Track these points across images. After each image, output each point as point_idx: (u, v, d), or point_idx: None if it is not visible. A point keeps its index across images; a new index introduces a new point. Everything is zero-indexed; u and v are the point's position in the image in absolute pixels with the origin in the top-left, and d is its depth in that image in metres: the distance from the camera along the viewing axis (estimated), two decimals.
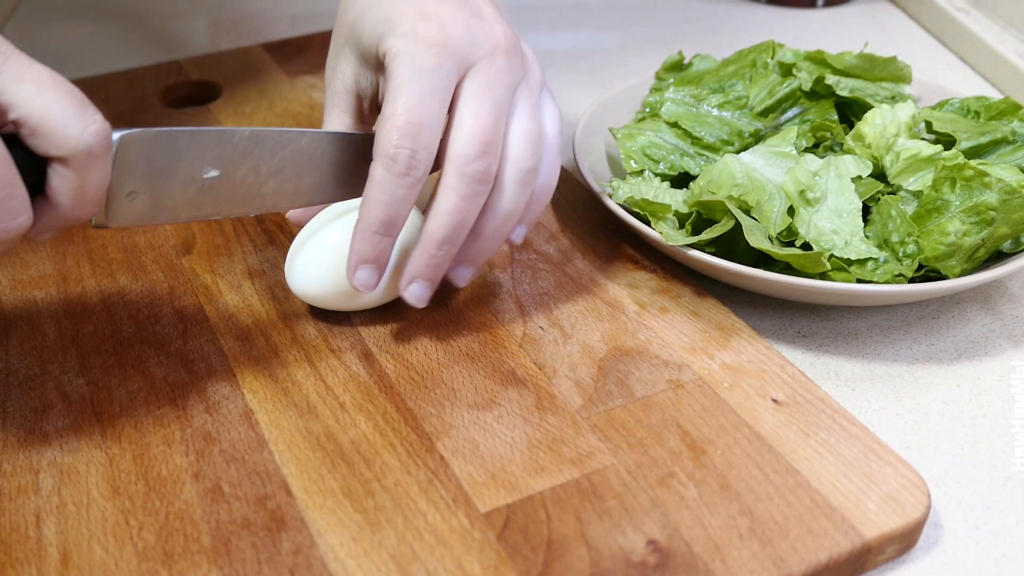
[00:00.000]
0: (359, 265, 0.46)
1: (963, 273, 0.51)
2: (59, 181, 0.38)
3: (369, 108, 0.51)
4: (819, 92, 0.62)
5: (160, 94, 0.73)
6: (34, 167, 0.38)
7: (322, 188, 0.48)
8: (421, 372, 0.48)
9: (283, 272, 0.55)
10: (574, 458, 0.43)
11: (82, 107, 0.37)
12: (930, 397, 0.50)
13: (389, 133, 0.44)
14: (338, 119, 0.51)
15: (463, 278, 0.49)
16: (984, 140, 0.56)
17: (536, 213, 0.49)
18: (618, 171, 0.63)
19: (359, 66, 0.49)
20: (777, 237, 0.52)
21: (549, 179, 0.49)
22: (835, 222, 0.52)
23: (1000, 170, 0.52)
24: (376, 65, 0.48)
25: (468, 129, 0.44)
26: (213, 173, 0.44)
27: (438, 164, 0.46)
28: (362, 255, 0.46)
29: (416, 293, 0.47)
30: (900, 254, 0.51)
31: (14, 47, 0.37)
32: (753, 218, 0.52)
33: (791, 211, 0.53)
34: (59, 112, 0.37)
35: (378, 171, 0.44)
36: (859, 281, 0.50)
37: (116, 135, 0.40)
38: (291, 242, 0.53)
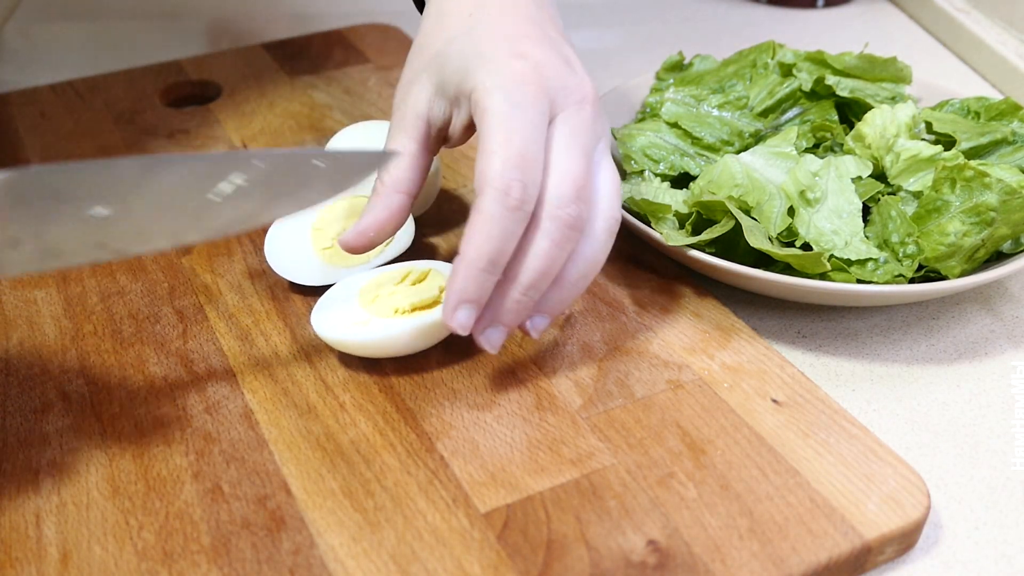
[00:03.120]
0: (461, 304, 0.43)
1: (963, 273, 0.51)
2: None
3: (435, 137, 0.49)
4: (819, 92, 0.62)
5: (160, 94, 0.73)
6: None
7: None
8: (421, 372, 0.48)
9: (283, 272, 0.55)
10: (574, 458, 0.43)
11: None
12: (930, 397, 0.50)
13: (498, 166, 0.41)
14: (402, 143, 0.48)
15: (539, 328, 0.46)
16: (984, 141, 0.56)
17: (575, 296, 0.46)
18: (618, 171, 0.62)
19: (435, 95, 0.47)
20: (777, 237, 0.52)
21: (600, 256, 0.46)
22: (835, 222, 0.52)
23: (1000, 171, 0.52)
24: (454, 97, 0.46)
25: (563, 173, 0.43)
26: (101, 211, 0.39)
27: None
28: (465, 294, 0.42)
29: (493, 339, 0.45)
30: (900, 254, 0.51)
31: None
32: (753, 218, 0.52)
33: (791, 211, 0.53)
34: None
35: (488, 205, 0.41)
36: (859, 281, 0.50)
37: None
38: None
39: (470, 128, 0.47)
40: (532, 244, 0.43)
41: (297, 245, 0.53)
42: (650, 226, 0.53)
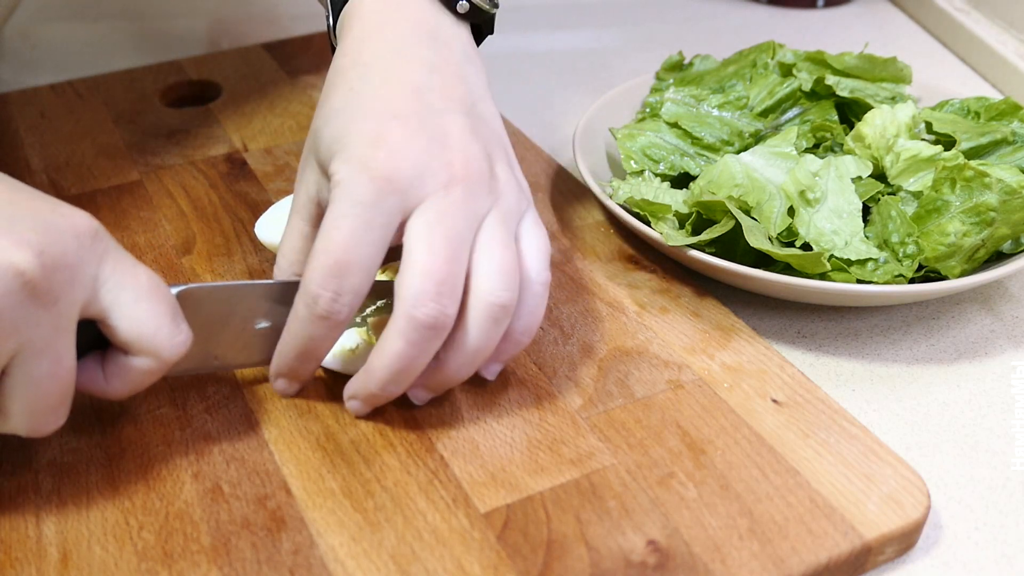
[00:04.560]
0: (278, 377, 0.45)
1: (963, 273, 0.51)
2: (125, 372, 0.40)
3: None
4: (819, 92, 0.62)
5: (160, 94, 0.73)
6: (93, 332, 0.39)
7: None
8: None
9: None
10: (574, 458, 0.43)
11: (173, 318, 0.39)
12: (930, 397, 0.50)
13: (315, 270, 0.40)
14: (297, 226, 0.46)
15: (421, 399, 0.45)
16: (984, 141, 0.56)
17: (512, 353, 0.45)
18: (618, 171, 0.63)
19: (319, 176, 0.45)
20: (777, 237, 0.52)
21: (530, 320, 0.44)
22: (835, 222, 0.52)
23: (1000, 171, 0.52)
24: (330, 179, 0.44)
25: (419, 267, 0.40)
26: (264, 324, 0.44)
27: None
28: (280, 371, 0.44)
29: (355, 408, 0.45)
30: (900, 254, 0.51)
31: (120, 247, 0.39)
32: (753, 218, 0.52)
33: (791, 211, 0.53)
34: (151, 323, 0.38)
35: (300, 308, 0.41)
36: (859, 281, 0.50)
37: (174, 290, 0.41)
38: None
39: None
40: (387, 342, 0.41)
41: None
42: (650, 226, 0.53)
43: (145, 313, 0.38)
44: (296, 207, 0.46)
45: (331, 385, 0.47)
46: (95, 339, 0.39)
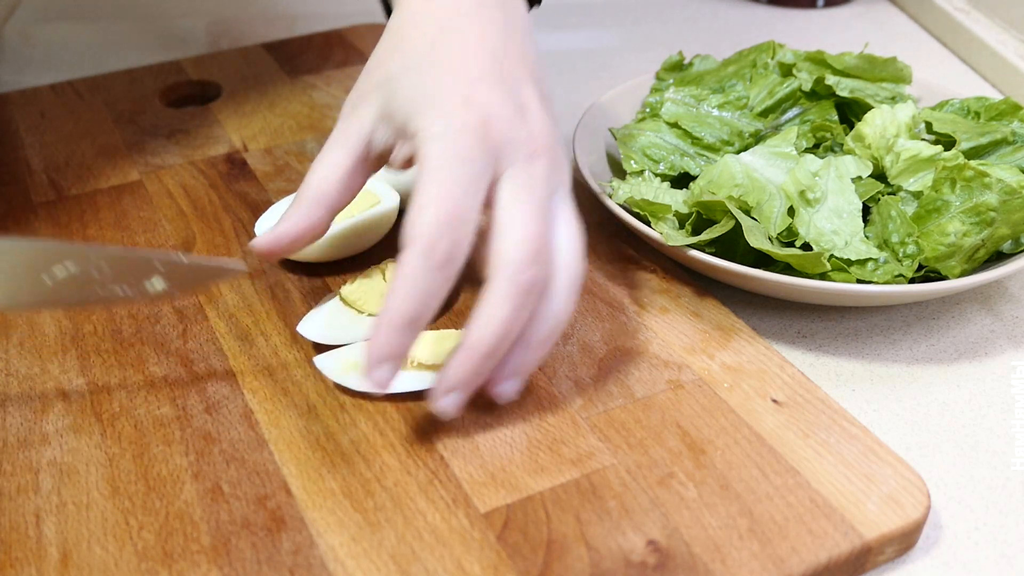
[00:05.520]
0: (381, 363, 0.41)
1: (963, 273, 0.51)
2: None
3: (373, 159, 0.46)
4: (819, 92, 0.62)
5: (160, 94, 0.73)
6: None
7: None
8: None
9: (282, 272, 0.55)
10: (574, 458, 0.43)
11: None
12: (930, 397, 0.50)
13: (429, 221, 0.40)
14: (337, 158, 0.45)
15: (508, 394, 0.44)
16: (984, 141, 0.56)
17: (544, 356, 0.44)
18: (618, 171, 0.63)
19: (380, 120, 0.45)
20: (777, 237, 0.52)
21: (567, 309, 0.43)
22: (835, 222, 0.52)
23: (1000, 171, 0.52)
24: (399, 129, 0.44)
25: (518, 235, 0.41)
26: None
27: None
28: (385, 351, 0.40)
29: (452, 404, 0.42)
30: (900, 254, 0.51)
31: None
32: (753, 218, 0.52)
33: (791, 211, 0.53)
34: None
35: (413, 261, 0.40)
36: (859, 281, 0.50)
37: None
38: None
39: (411, 161, 0.44)
40: (489, 309, 0.40)
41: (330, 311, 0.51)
42: (650, 226, 0.53)
43: None
44: (341, 140, 0.45)
45: (331, 386, 0.47)
46: None
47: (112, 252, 0.44)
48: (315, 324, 0.49)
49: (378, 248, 0.56)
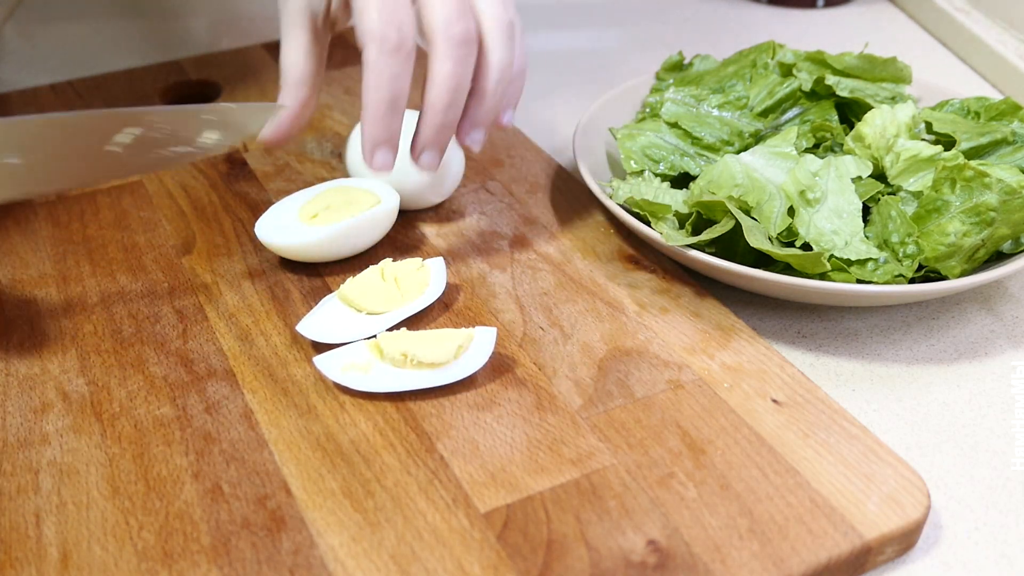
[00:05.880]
0: (376, 149, 0.48)
1: (963, 273, 0.51)
2: None
3: (323, 25, 0.52)
4: (819, 92, 0.62)
5: (160, 94, 0.73)
6: None
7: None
8: None
9: (282, 272, 0.55)
10: (574, 458, 0.43)
11: None
12: (930, 397, 0.50)
13: (374, 16, 0.45)
14: (296, 38, 0.52)
15: (477, 141, 0.51)
16: (984, 141, 0.56)
17: (517, 95, 0.53)
18: (618, 171, 0.63)
19: None
20: (777, 237, 0.52)
21: (521, 60, 0.51)
22: (835, 222, 0.52)
23: (1000, 171, 0.52)
24: None
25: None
26: (13, 159, 0.46)
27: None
28: (376, 138, 0.48)
29: (428, 161, 0.50)
30: (900, 254, 0.51)
31: None
32: (753, 218, 0.52)
33: (791, 211, 0.53)
34: None
35: (373, 54, 0.46)
36: (859, 281, 0.50)
37: None
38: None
39: (347, 5, 0.49)
40: (436, 69, 0.47)
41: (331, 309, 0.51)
42: (650, 226, 0.53)
43: None
44: (289, 22, 0.51)
45: (331, 384, 0.47)
46: None
47: (166, 111, 0.48)
48: (315, 324, 0.49)
49: (378, 248, 0.56)
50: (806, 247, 0.52)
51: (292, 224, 0.54)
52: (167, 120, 0.48)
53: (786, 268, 0.51)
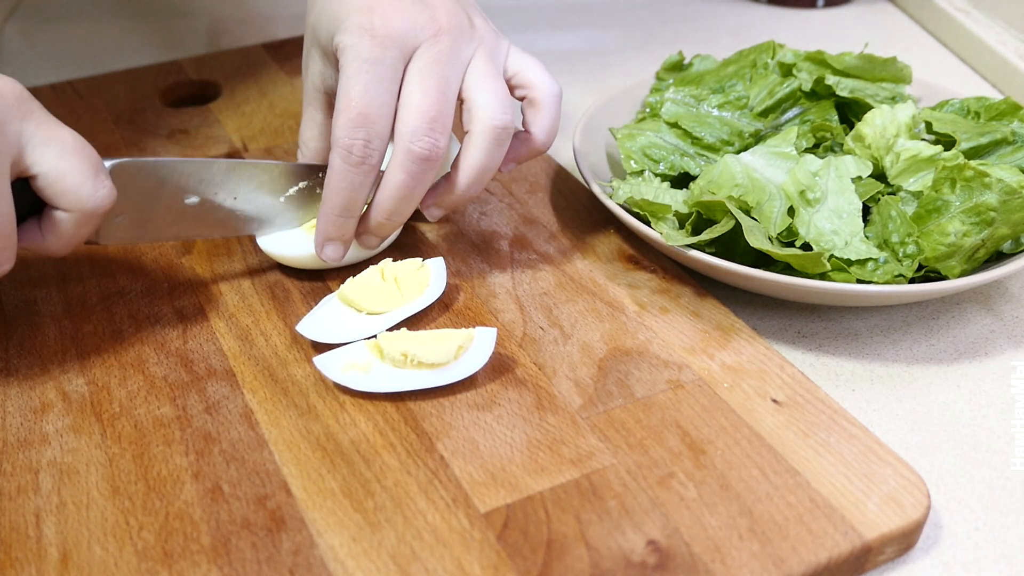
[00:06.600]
0: (326, 243, 0.50)
1: (963, 273, 0.51)
2: (56, 225, 0.44)
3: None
4: (819, 92, 0.62)
5: (160, 94, 0.73)
6: (32, 197, 0.43)
7: (285, 213, 0.53)
8: None
9: (282, 271, 0.55)
10: (574, 458, 0.43)
11: (96, 173, 0.43)
12: (930, 397, 0.50)
13: (343, 126, 0.47)
14: (311, 116, 0.54)
15: (435, 216, 0.53)
16: (984, 141, 0.56)
17: (537, 153, 0.53)
18: (618, 171, 0.63)
19: (323, 65, 0.51)
20: (777, 237, 0.52)
21: (550, 125, 0.53)
22: (835, 222, 0.52)
23: (1000, 171, 0.52)
24: (335, 62, 0.49)
25: (415, 108, 0.47)
26: (193, 199, 0.49)
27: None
28: (327, 234, 0.50)
29: (367, 244, 0.52)
30: (900, 254, 0.51)
31: (44, 110, 0.43)
32: (753, 218, 0.52)
33: (791, 211, 0.53)
34: (75, 176, 0.42)
35: (336, 161, 0.47)
36: (859, 281, 0.50)
37: (108, 163, 0.45)
38: None
39: None
40: (389, 175, 0.48)
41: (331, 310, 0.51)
42: (650, 226, 0.53)
43: (69, 167, 0.42)
44: (308, 99, 0.54)
45: (331, 384, 0.47)
46: (33, 205, 0.44)
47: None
48: (315, 324, 0.49)
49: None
50: (806, 247, 0.52)
51: (293, 233, 0.54)
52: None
53: (786, 268, 0.51)
